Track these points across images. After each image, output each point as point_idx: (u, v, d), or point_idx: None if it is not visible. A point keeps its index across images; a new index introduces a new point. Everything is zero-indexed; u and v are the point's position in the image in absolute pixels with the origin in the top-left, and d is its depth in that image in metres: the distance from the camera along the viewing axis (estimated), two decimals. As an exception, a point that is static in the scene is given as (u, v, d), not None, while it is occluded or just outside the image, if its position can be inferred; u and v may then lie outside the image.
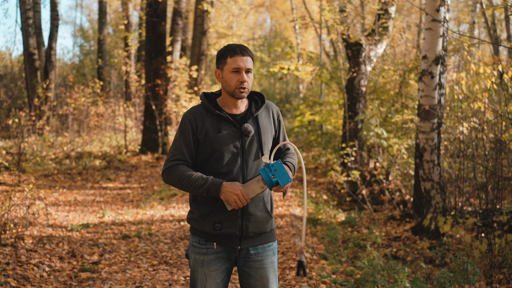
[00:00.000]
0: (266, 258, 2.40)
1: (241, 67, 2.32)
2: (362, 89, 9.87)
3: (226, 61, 2.35)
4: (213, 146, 2.32)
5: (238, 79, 2.33)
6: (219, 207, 2.32)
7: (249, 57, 2.36)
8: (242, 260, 2.40)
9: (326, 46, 22.62)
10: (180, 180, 2.30)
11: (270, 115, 2.47)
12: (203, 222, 2.34)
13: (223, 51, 2.36)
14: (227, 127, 2.34)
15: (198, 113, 2.36)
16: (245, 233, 2.34)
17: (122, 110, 14.62)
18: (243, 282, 2.43)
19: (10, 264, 4.38)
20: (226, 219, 2.32)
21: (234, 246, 2.36)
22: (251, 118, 2.40)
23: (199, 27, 16.06)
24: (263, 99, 2.47)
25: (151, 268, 4.83)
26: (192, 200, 2.41)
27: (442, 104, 6.01)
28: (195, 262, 2.38)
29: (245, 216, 2.34)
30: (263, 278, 2.39)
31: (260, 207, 2.37)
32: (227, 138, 2.33)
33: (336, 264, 4.89)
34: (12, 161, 9.88)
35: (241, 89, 2.33)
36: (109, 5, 23.86)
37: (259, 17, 33.99)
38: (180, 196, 8.75)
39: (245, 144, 2.35)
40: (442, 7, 5.82)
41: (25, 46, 14.21)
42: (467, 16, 16.87)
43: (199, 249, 2.37)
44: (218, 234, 2.34)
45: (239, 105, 2.42)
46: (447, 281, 3.99)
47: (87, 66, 26.50)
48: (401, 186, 7.73)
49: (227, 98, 2.40)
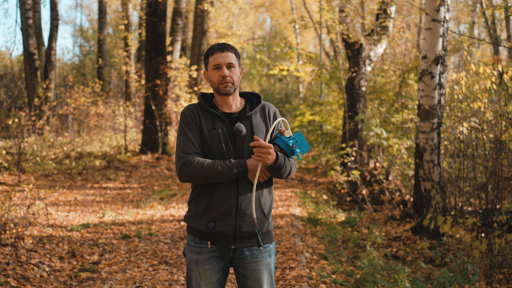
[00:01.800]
0: (261, 260, 2.39)
1: (221, 63, 2.36)
2: (362, 89, 9.87)
3: (208, 60, 2.41)
4: (207, 143, 2.35)
5: (219, 75, 2.37)
6: (212, 205, 2.32)
7: (230, 52, 2.39)
8: (237, 261, 2.40)
9: (326, 46, 22.62)
10: (203, 171, 2.28)
11: (266, 115, 2.47)
12: (198, 220, 2.35)
13: (206, 53, 2.43)
14: (221, 126, 2.37)
15: (195, 110, 2.40)
16: (239, 233, 2.34)
17: (122, 110, 14.62)
18: (239, 282, 2.44)
19: (10, 264, 4.38)
20: (220, 218, 2.32)
21: (228, 245, 2.35)
22: (245, 118, 2.41)
23: (199, 27, 16.07)
24: (260, 99, 2.48)
25: (151, 268, 4.83)
26: (191, 199, 2.42)
27: (442, 104, 6.00)
28: (190, 260, 2.39)
29: (239, 215, 2.33)
30: (258, 280, 2.39)
31: (256, 207, 2.36)
32: (221, 136, 2.35)
33: (336, 264, 4.89)
34: (12, 161, 9.88)
35: (224, 83, 2.36)
36: (109, 5, 23.85)
37: (259, 17, 34.01)
38: (180, 196, 8.75)
39: (237, 143, 2.36)
40: (442, 7, 5.82)
41: (25, 46, 14.20)
42: (467, 16, 16.87)
43: (193, 248, 2.38)
44: (212, 232, 2.34)
45: (231, 103, 2.43)
46: (447, 281, 3.99)
47: (87, 66, 26.50)
48: (401, 186, 7.73)
49: (218, 97, 2.43)
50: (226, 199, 2.32)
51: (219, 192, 2.32)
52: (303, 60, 12.07)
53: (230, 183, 2.33)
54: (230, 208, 2.32)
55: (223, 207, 2.31)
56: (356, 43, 9.71)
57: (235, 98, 2.45)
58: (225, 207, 2.31)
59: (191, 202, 2.41)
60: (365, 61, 9.82)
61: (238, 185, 2.33)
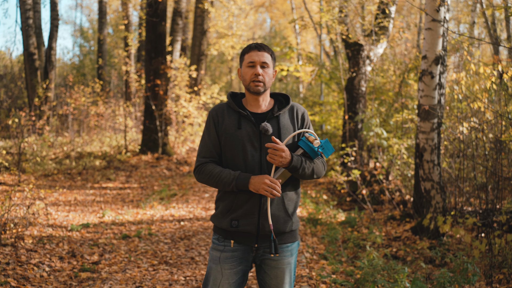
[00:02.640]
0: (282, 258, 2.41)
1: (255, 61, 2.38)
2: (362, 89, 9.87)
3: (244, 58, 2.43)
4: (232, 142, 2.36)
5: (252, 73, 2.38)
6: (237, 204, 2.35)
7: (266, 52, 2.41)
8: (260, 257, 2.42)
9: (326, 46, 22.62)
10: (210, 178, 2.37)
11: (294, 116, 2.47)
12: (222, 219, 2.38)
13: (242, 50, 2.46)
14: (246, 125, 2.38)
15: (220, 110, 2.43)
16: (262, 232, 2.36)
17: (122, 110, 14.62)
18: (259, 278, 2.48)
19: (10, 264, 4.38)
20: (243, 217, 2.35)
21: (250, 244, 2.37)
22: (272, 118, 2.41)
23: (199, 27, 16.07)
24: (288, 100, 2.49)
25: (151, 268, 4.83)
26: (217, 198, 2.46)
27: (442, 104, 6.00)
28: (212, 258, 2.41)
29: (261, 214, 2.35)
30: (278, 278, 2.41)
31: (279, 208, 2.38)
32: (246, 135, 2.36)
33: (336, 264, 4.89)
34: (12, 161, 9.88)
35: (255, 82, 2.37)
36: (109, 5, 23.85)
37: (259, 17, 34.00)
38: (180, 196, 8.75)
39: (263, 143, 2.37)
40: (442, 7, 5.82)
41: (25, 46, 14.21)
42: (467, 16, 16.87)
43: (217, 245, 2.41)
44: (235, 231, 2.36)
45: (261, 103, 2.45)
46: (447, 281, 3.99)
47: (87, 66, 26.51)
48: (401, 186, 7.73)
49: (248, 96, 2.45)
50: (249, 199, 2.34)
51: (243, 192, 2.34)
52: (303, 60, 12.07)
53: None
54: (253, 207, 2.34)
55: (247, 207, 2.34)
56: (357, 43, 9.72)
57: (265, 99, 2.46)
58: (248, 207, 2.34)
59: (217, 201, 2.46)
60: (365, 61, 9.82)
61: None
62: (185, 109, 13.50)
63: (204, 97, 14.05)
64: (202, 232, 6.34)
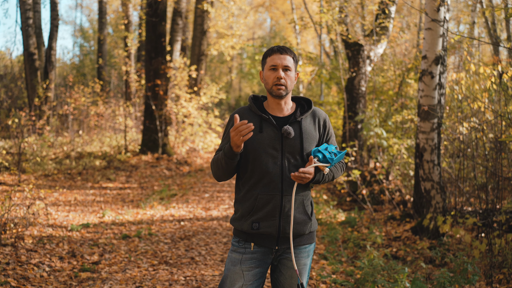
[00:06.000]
0: (300, 260, 2.42)
1: (278, 64, 2.37)
2: (362, 89, 9.87)
3: (266, 61, 2.43)
4: (253, 145, 2.35)
5: (275, 76, 2.37)
6: (257, 207, 2.34)
7: (288, 56, 2.40)
8: (278, 257, 2.42)
9: (325, 46, 22.62)
10: (213, 164, 2.41)
11: (316, 121, 2.46)
12: (243, 222, 2.37)
13: (265, 53, 2.45)
14: (268, 128, 2.37)
15: (242, 113, 2.43)
16: (283, 234, 2.35)
17: (122, 110, 14.62)
18: (274, 277, 2.48)
19: (10, 264, 4.38)
20: (264, 219, 2.34)
21: (271, 246, 2.37)
22: (295, 122, 2.40)
23: (199, 27, 16.07)
24: (311, 105, 2.48)
25: (151, 268, 4.83)
26: (236, 201, 2.45)
27: (442, 104, 6.00)
28: (232, 260, 2.40)
29: (282, 217, 2.34)
30: (293, 278, 2.42)
31: (300, 210, 2.38)
32: (267, 139, 2.35)
33: (336, 264, 4.89)
34: (12, 161, 9.88)
35: (278, 85, 2.36)
36: (109, 5, 23.85)
37: (259, 17, 34.00)
38: (180, 196, 8.75)
39: (285, 146, 2.36)
40: (442, 7, 5.82)
41: (25, 46, 14.21)
42: (467, 16, 16.87)
43: (237, 248, 2.41)
44: (256, 233, 2.36)
45: (283, 107, 2.44)
46: (447, 281, 3.99)
47: (87, 66, 26.51)
48: (401, 186, 7.73)
49: (270, 100, 2.44)
50: (270, 201, 2.33)
51: (263, 194, 2.34)
52: (303, 60, 12.07)
53: (273, 185, 2.34)
54: (274, 209, 2.33)
55: (267, 209, 2.33)
56: (357, 43, 9.72)
57: (287, 102, 2.45)
58: (269, 209, 2.33)
59: (236, 204, 2.45)
60: (365, 61, 9.82)
61: (282, 187, 2.34)
62: (185, 109, 13.50)
63: (204, 97, 14.06)
64: (202, 232, 6.34)
